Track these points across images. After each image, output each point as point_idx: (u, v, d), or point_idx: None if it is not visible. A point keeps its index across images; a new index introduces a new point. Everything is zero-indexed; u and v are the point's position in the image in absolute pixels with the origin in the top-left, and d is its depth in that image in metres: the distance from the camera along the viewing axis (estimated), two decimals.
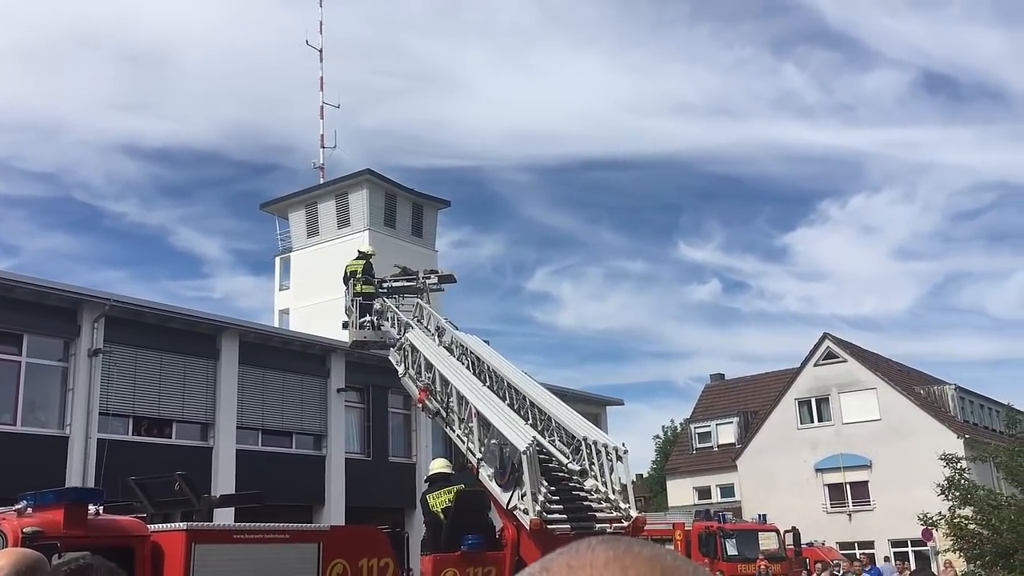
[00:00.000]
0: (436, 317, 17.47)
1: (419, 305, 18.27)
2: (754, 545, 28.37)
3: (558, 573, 0.68)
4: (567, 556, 0.69)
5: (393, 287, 19.05)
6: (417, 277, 19.19)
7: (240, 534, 7.94)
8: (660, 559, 0.68)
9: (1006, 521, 9.05)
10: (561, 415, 12.03)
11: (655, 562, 0.68)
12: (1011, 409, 12.93)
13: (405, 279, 19.32)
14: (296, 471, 26.21)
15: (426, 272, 19.48)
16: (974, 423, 44.94)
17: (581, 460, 11.03)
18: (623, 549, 0.69)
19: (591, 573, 0.66)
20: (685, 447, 55.40)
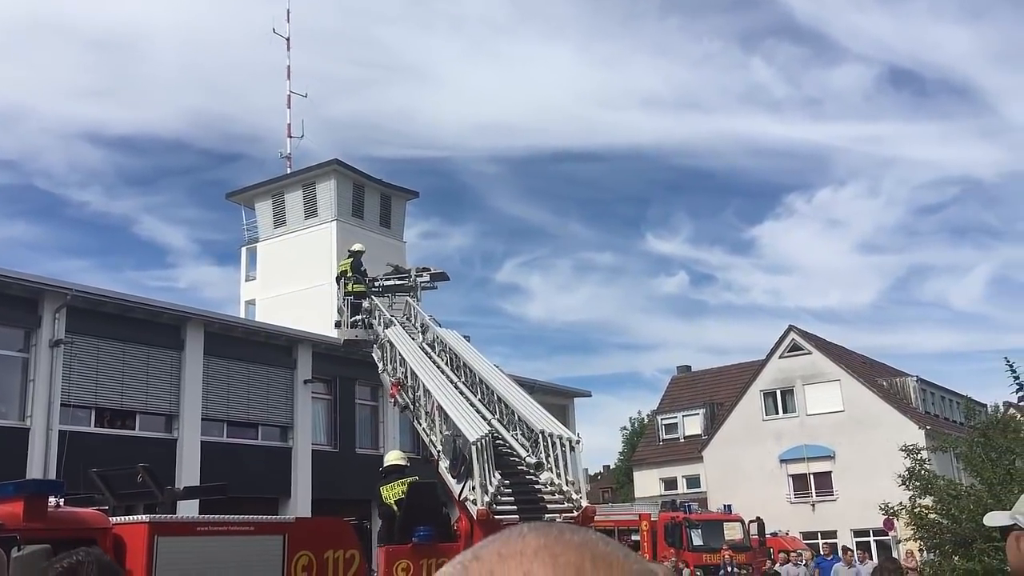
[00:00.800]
0: (421, 314, 17.66)
1: (407, 303, 18.50)
2: (719, 535, 28.63)
3: (488, 561, 0.67)
4: (498, 544, 0.69)
5: (385, 286, 19.22)
6: (409, 275, 19.35)
7: (204, 526, 7.85)
8: (591, 545, 0.68)
9: (965, 511, 9.19)
10: (522, 408, 12.16)
11: (585, 548, 0.67)
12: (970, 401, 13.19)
13: (397, 277, 19.48)
14: (262, 463, 26.03)
15: (418, 270, 19.56)
16: (935, 414, 45.63)
17: (538, 453, 11.13)
18: (554, 536, 0.69)
19: (521, 561, 0.65)
20: (652, 438, 55.76)
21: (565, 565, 0.65)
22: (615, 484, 72.80)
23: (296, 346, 28.13)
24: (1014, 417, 11.86)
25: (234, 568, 7.80)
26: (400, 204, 41.67)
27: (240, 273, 41.10)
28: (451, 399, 12.27)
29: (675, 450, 51.96)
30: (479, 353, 15.16)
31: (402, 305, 18.59)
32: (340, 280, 19.00)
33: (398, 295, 19.06)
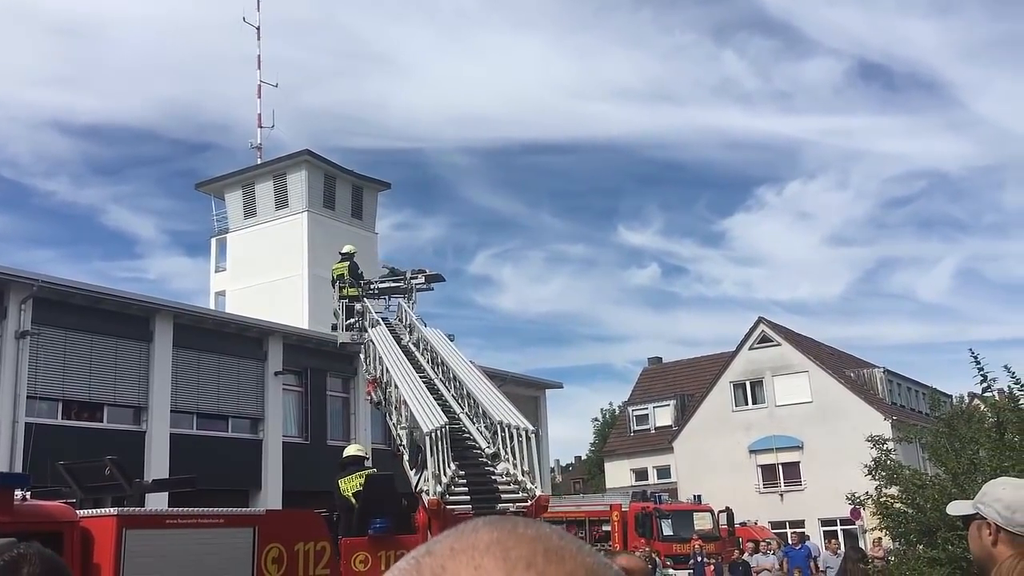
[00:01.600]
0: (410, 315, 17.88)
1: (400, 305, 18.78)
2: (689, 525, 28.87)
3: (440, 556, 0.67)
4: (451, 539, 0.69)
5: (380, 288, 19.49)
6: (404, 278, 19.48)
7: (173, 519, 7.81)
8: (544, 539, 0.68)
9: (930, 500, 9.33)
10: (485, 401, 12.31)
11: (538, 542, 0.68)
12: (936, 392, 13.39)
13: (392, 280, 19.68)
14: (232, 455, 25.89)
15: (413, 272, 19.69)
16: (901, 405, 46.24)
17: (497, 444, 11.25)
18: (507, 530, 0.69)
19: (472, 556, 0.66)
20: (623, 429, 56.06)
21: (516, 559, 0.65)
22: (586, 475, 73.14)
23: (267, 338, 27.97)
24: (978, 408, 12.05)
25: (204, 561, 7.76)
26: (372, 195, 41.48)
27: (210, 264, 40.76)
28: (414, 392, 12.38)
29: (646, 441, 52.28)
30: (455, 350, 15.34)
31: (396, 307, 18.89)
32: (335, 283, 19.10)
33: (394, 297, 19.29)
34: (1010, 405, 9.77)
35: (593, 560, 0.69)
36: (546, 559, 0.66)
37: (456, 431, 11.83)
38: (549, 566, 0.65)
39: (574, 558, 0.67)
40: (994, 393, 10.23)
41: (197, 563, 7.70)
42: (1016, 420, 9.38)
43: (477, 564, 0.65)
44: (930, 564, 9.14)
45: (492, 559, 0.65)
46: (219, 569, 7.87)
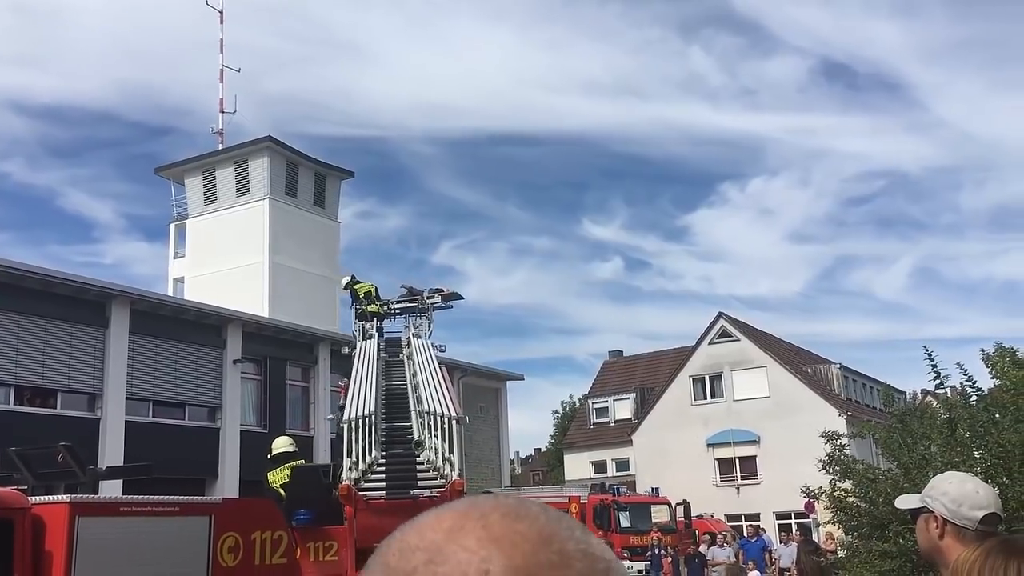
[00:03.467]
0: (407, 330, 18.81)
1: (409, 322, 19.55)
2: (647, 517, 29.10)
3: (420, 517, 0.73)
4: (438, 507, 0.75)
5: (399, 308, 20.01)
6: (421, 297, 20.00)
7: (127, 507, 7.72)
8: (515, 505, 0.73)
9: (882, 494, 9.49)
10: (425, 392, 12.60)
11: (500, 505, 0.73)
12: (889, 388, 13.63)
13: (408, 300, 20.18)
14: (189, 443, 25.62)
15: (430, 292, 20.23)
16: (856, 401, 46.95)
17: (423, 432, 11.45)
18: (491, 496, 0.75)
19: (443, 509, 0.72)
20: (583, 422, 56.31)
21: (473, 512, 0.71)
22: (546, 467, 73.39)
23: (226, 325, 27.69)
24: (931, 404, 12.27)
25: (159, 549, 7.68)
26: (335, 183, 41.19)
27: (169, 250, 40.24)
28: (355, 388, 12.64)
29: (605, 434, 52.56)
30: (428, 351, 15.99)
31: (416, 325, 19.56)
32: (361, 300, 19.34)
33: (411, 316, 19.89)
34: (961, 402, 9.96)
35: (554, 527, 0.71)
36: (501, 516, 0.70)
37: (401, 425, 12.05)
38: (501, 520, 0.69)
39: (532, 520, 0.70)
40: (946, 390, 10.41)
41: (152, 551, 7.62)
42: (967, 416, 9.56)
43: (440, 514, 0.71)
44: (881, 557, 9.30)
45: (453, 511, 0.71)
46: (174, 558, 7.80)
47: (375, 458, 10.86)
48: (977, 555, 2.15)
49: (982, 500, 2.84)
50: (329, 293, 38.81)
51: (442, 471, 10.64)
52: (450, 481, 10.42)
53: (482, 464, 36.96)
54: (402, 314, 19.75)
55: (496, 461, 38.95)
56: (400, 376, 15.59)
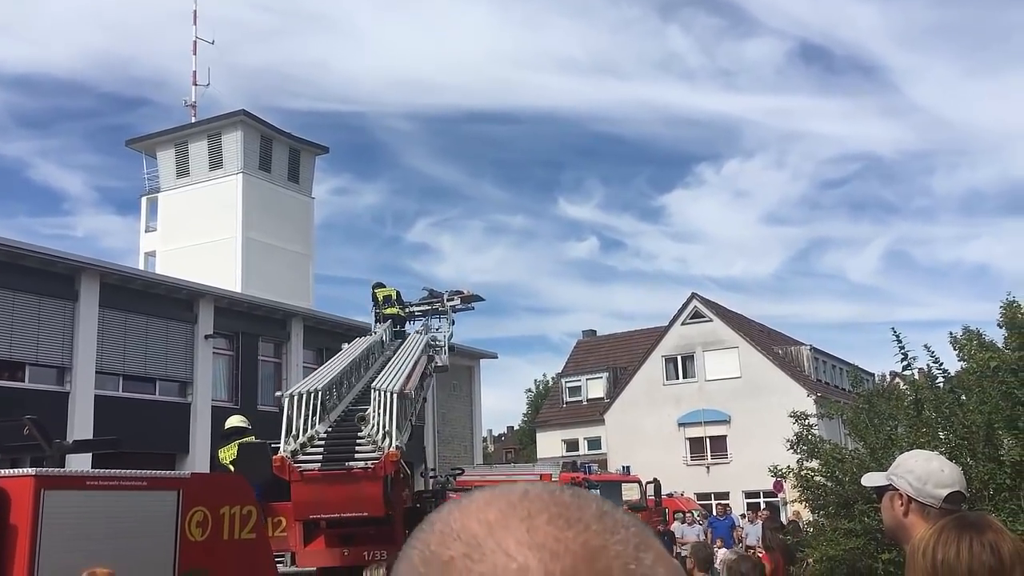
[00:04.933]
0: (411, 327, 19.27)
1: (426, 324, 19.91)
2: (617, 496, 29.28)
3: (481, 491, 0.73)
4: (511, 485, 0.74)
5: (420, 310, 20.18)
6: (441, 300, 20.14)
7: (94, 480, 7.63)
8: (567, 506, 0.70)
9: (848, 473, 9.60)
10: (388, 372, 12.84)
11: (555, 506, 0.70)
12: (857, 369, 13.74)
13: (428, 303, 20.37)
14: (159, 418, 25.45)
15: (450, 294, 20.33)
16: (826, 382, 47.48)
17: (369, 408, 11.69)
18: (544, 488, 0.72)
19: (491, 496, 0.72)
20: (556, 401, 56.56)
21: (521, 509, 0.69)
22: (518, 445, 73.73)
23: (197, 300, 27.47)
24: (898, 386, 12.41)
25: (125, 523, 7.62)
26: (309, 159, 40.86)
27: (140, 224, 39.81)
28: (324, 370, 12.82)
29: (578, 412, 52.85)
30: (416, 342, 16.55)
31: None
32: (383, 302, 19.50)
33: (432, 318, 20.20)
34: (928, 384, 10.07)
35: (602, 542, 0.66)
36: (549, 520, 0.67)
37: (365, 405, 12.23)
38: (546, 526, 0.66)
39: (583, 532, 0.67)
40: (914, 372, 10.52)
41: (118, 525, 7.56)
42: (933, 398, 9.67)
43: (488, 501, 0.70)
44: (846, 535, 9.41)
45: (501, 501, 0.70)
46: (141, 532, 7.74)
47: (316, 432, 10.99)
48: (932, 531, 2.17)
49: (947, 478, 2.87)
50: (303, 269, 38.61)
51: (379, 443, 10.77)
52: (385, 452, 10.55)
53: (455, 441, 37.05)
54: (423, 316, 19.96)
55: (469, 439, 39.04)
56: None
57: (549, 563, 0.63)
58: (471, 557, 0.65)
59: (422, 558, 0.68)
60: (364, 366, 15.06)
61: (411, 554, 0.69)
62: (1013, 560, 2.08)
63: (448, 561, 0.65)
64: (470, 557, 0.65)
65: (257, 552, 8.68)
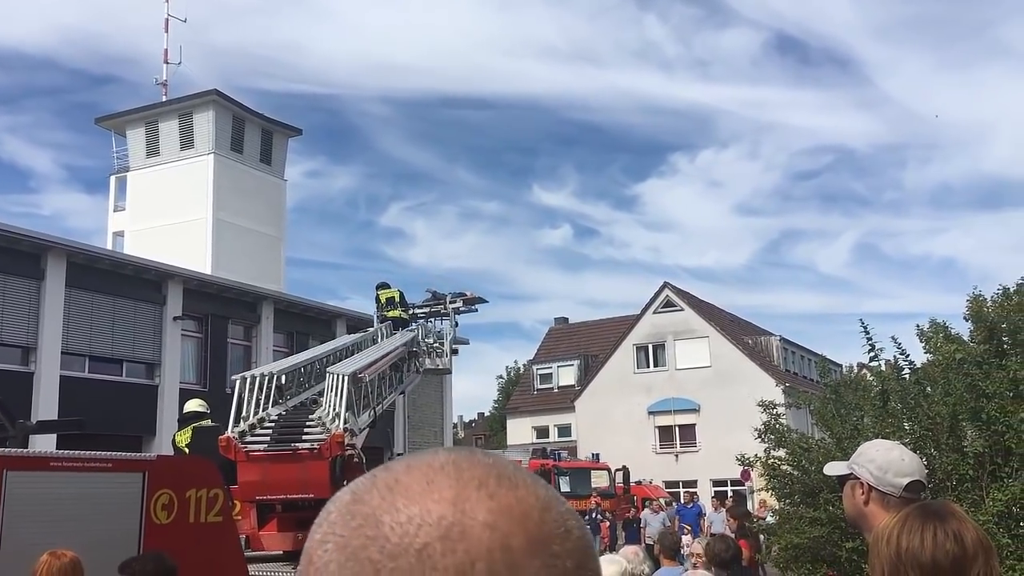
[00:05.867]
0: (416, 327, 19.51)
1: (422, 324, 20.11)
2: (587, 483, 29.48)
3: (396, 471, 0.69)
4: (409, 457, 0.71)
5: (422, 313, 20.27)
6: (444, 301, 20.28)
7: (58, 461, 7.54)
8: (499, 466, 0.69)
9: (814, 463, 9.71)
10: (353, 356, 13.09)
11: (492, 467, 0.69)
12: (825, 360, 13.91)
13: (431, 304, 20.53)
14: (126, 400, 25.20)
15: (453, 296, 20.47)
16: (795, 372, 47.93)
17: (324, 392, 11.86)
18: (465, 454, 0.70)
19: (427, 471, 0.67)
20: (527, 387, 56.66)
21: (469, 479, 0.66)
22: (488, 431, 73.86)
23: (166, 281, 27.18)
24: (865, 377, 12.55)
25: (90, 505, 7.55)
26: (282, 141, 40.51)
27: (109, 203, 39.30)
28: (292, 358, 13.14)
29: (549, 399, 52.99)
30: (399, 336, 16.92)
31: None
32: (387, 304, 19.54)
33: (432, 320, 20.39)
34: (894, 375, 10.19)
35: (545, 492, 0.69)
36: (498, 482, 0.67)
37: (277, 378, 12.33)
38: (500, 489, 0.66)
39: (527, 486, 0.68)
40: (880, 363, 10.65)
41: (82, 507, 7.48)
42: (899, 389, 9.80)
43: (430, 479, 0.66)
44: (811, 523, 9.53)
45: (445, 476, 0.67)
46: (106, 514, 7.66)
47: (268, 414, 11.02)
48: (896, 520, 2.19)
49: (907, 468, 2.90)
50: (274, 252, 38.33)
51: (328, 425, 10.82)
52: (331, 433, 10.61)
53: (425, 427, 37.02)
54: (426, 318, 20.05)
55: (439, 424, 39.02)
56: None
57: (524, 523, 0.65)
58: (450, 538, 0.62)
59: (380, 550, 0.63)
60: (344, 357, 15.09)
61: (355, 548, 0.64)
62: (976, 548, 2.10)
63: (422, 548, 0.62)
64: (449, 538, 0.62)
65: (223, 535, 8.62)
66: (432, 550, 0.62)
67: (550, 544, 0.65)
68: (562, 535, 0.66)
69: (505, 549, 0.63)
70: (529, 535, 0.64)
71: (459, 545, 0.62)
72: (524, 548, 0.63)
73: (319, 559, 0.65)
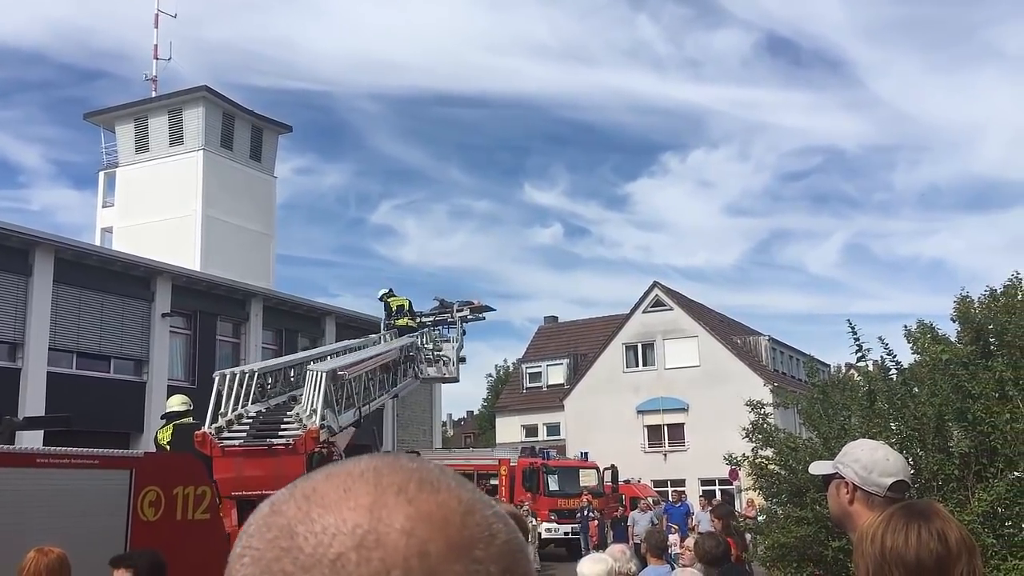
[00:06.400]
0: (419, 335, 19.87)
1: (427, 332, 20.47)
2: (575, 481, 29.50)
3: (315, 479, 0.68)
4: (331, 466, 0.70)
5: (430, 321, 20.60)
6: (451, 310, 20.62)
7: (44, 458, 7.53)
8: (422, 471, 0.68)
9: (801, 462, 9.73)
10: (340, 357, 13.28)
11: (414, 472, 0.67)
12: (812, 360, 13.95)
13: (438, 313, 20.88)
14: (114, 397, 25.10)
15: (460, 305, 20.82)
16: (783, 372, 48.06)
17: (302, 389, 12.09)
18: (387, 461, 0.69)
19: (345, 479, 0.66)
20: (516, 386, 56.66)
21: (388, 485, 0.65)
22: (477, 430, 73.83)
23: (155, 278, 27.09)
24: (852, 377, 12.58)
25: (77, 502, 7.53)
26: (272, 137, 40.41)
27: (97, 199, 39.13)
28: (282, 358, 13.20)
29: (538, 398, 53.00)
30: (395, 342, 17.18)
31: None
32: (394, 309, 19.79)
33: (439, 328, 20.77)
34: (881, 375, 10.23)
35: (470, 496, 0.67)
36: (419, 487, 0.65)
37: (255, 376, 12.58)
38: (421, 494, 0.65)
39: (450, 490, 0.66)
40: (868, 363, 10.68)
41: (70, 504, 7.47)
42: (886, 389, 9.82)
43: (348, 487, 0.65)
44: (797, 522, 9.56)
45: (364, 483, 0.65)
46: (93, 511, 7.66)
47: (247, 411, 11.06)
48: (880, 519, 2.21)
49: (891, 467, 2.92)
50: (264, 249, 38.24)
51: (304, 421, 10.86)
52: (307, 429, 10.63)
53: (414, 425, 37.01)
54: (433, 327, 20.26)
55: (428, 423, 39.01)
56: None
57: (443, 528, 0.63)
58: (365, 546, 0.61)
59: (294, 562, 0.62)
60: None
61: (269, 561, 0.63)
62: (959, 547, 2.12)
63: (336, 558, 0.61)
64: (364, 546, 0.61)
65: (211, 532, 8.62)
66: (346, 560, 0.60)
67: (472, 549, 0.63)
68: (486, 539, 0.64)
69: (423, 556, 0.61)
70: (449, 540, 0.62)
71: (374, 553, 0.61)
72: (443, 554, 0.62)
73: (237, 573, 0.64)
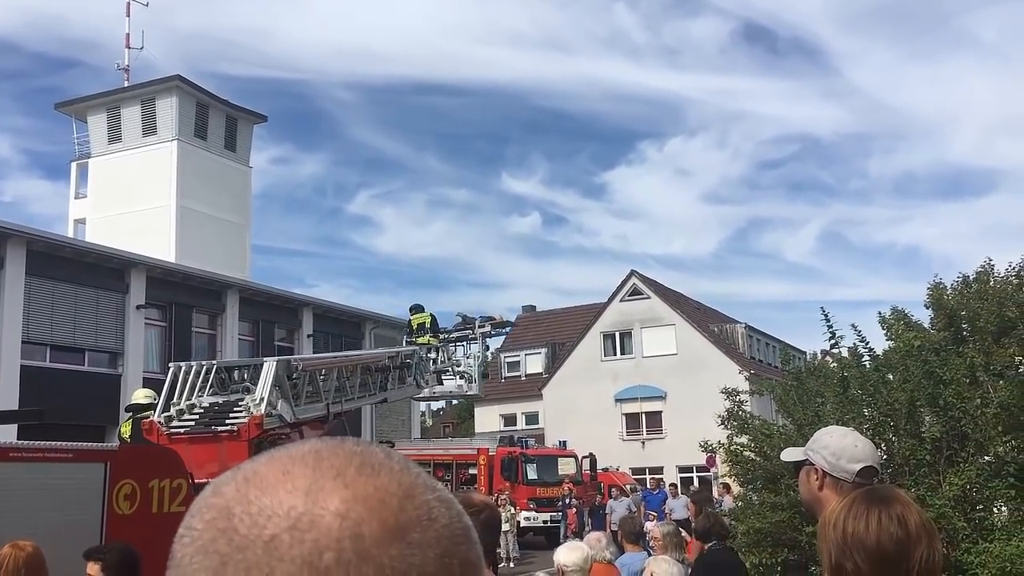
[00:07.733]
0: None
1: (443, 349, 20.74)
2: (554, 470, 29.61)
3: (258, 461, 0.68)
4: (276, 449, 0.70)
5: (451, 337, 20.86)
6: (473, 326, 20.96)
7: (17, 452, 7.46)
8: (364, 454, 0.68)
9: (776, 449, 9.81)
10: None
11: (355, 456, 0.67)
12: (787, 347, 14.05)
13: (460, 329, 21.18)
14: (89, 390, 24.89)
15: (481, 321, 21.13)
16: (759, 360, 48.39)
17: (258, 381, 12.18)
18: (331, 444, 0.69)
19: (285, 462, 0.67)
20: (494, 375, 56.67)
21: (327, 468, 0.65)
22: (456, 419, 73.80)
23: (129, 269, 26.87)
24: (826, 364, 12.68)
25: (51, 496, 7.48)
26: (247, 127, 40.10)
27: (70, 190, 38.70)
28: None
29: (516, 387, 53.10)
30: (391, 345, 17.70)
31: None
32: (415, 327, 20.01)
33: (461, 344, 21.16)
34: (854, 362, 10.33)
35: (412, 479, 0.67)
36: (358, 471, 0.65)
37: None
38: (360, 477, 0.65)
39: (391, 474, 0.66)
40: (841, 350, 10.77)
41: (43, 498, 7.42)
42: (859, 376, 9.92)
43: (287, 469, 0.65)
44: (772, 508, 9.65)
45: (303, 466, 0.66)
46: (67, 504, 7.61)
47: (200, 401, 11.19)
48: (842, 504, 2.24)
49: (860, 454, 2.96)
50: (240, 239, 37.99)
51: (251, 409, 10.98)
52: (251, 415, 10.74)
53: (392, 415, 36.96)
54: (455, 343, 20.59)
55: (407, 413, 38.98)
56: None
57: (379, 511, 0.63)
58: (299, 528, 0.62)
59: (229, 542, 0.62)
60: None
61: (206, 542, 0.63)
62: (919, 532, 2.15)
63: (270, 539, 0.62)
64: (297, 528, 0.62)
65: None
66: (280, 541, 0.61)
67: (408, 532, 0.63)
68: (424, 523, 0.64)
69: (356, 538, 0.61)
70: (384, 523, 0.63)
71: (308, 535, 0.61)
72: (378, 536, 0.62)
73: (178, 554, 0.65)
